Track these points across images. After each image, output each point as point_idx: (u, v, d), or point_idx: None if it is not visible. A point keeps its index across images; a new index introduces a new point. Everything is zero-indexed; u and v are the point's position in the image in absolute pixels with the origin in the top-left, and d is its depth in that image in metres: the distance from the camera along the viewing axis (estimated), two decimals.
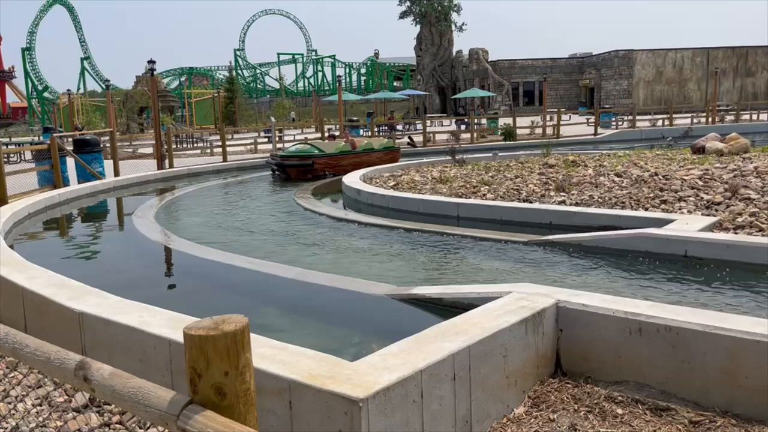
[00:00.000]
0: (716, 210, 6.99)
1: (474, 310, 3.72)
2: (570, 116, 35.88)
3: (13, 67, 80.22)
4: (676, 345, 3.33)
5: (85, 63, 68.45)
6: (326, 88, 70.27)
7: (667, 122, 31.04)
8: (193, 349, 1.25)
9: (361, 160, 15.81)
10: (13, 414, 3.52)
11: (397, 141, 26.98)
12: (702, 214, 6.90)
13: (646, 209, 7.39)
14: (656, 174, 9.02)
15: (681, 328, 3.31)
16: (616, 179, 9.10)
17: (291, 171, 15.32)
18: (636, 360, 3.49)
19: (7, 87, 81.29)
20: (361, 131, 28.58)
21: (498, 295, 4.09)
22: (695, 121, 32.13)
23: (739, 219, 6.46)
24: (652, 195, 7.84)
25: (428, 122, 27.34)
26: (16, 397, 3.72)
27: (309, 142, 17.42)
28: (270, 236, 8.64)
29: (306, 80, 74.54)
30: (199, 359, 1.25)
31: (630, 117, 33.18)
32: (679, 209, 7.21)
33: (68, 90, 41.19)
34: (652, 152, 12.86)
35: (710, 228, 6.32)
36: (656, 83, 50.01)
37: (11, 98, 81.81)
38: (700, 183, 8.21)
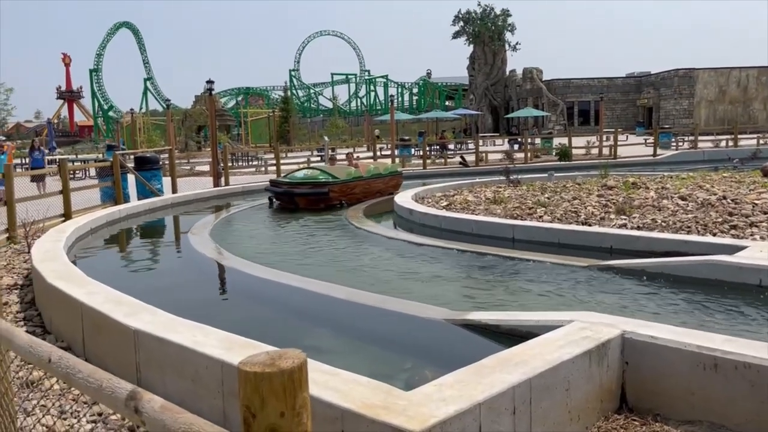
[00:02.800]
0: None
1: (534, 339, 3.56)
2: (627, 136, 34.98)
3: (81, 88, 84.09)
4: (756, 384, 3.08)
5: (148, 83, 71.08)
6: (378, 107, 70.74)
7: (731, 143, 29.87)
8: (247, 386, 1.17)
9: (371, 186, 14.49)
10: (68, 431, 3.53)
11: (448, 161, 26.98)
12: None
13: (714, 234, 7.02)
14: (724, 197, 8.60)
15: (762, 366, 3.07)
16: (681, 202, 8.71)
17: (300, 200, 13.23)
18: (711, 398, 3.25)
19: (75, 106, 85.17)
20: (413, 150, 28.55)
21: (559, 323, 3.91)
22: (761, 142, 30.78)
23: None
24: (720, 220, 7.46)
25: (480, 141, 27.12)
26: (71, 414, 3.74)
27: (315, 166, 15.28)
28: (325, 254, 8.62)
29: (358, 100, 75.33)
30: (254, 398, 1.16)
31: (691, 138, 32.09)
32: (751, 235, 6.82)
33: (131, 109, 42.81)
34: (718, 174, 12.31)
35: None
36: (719, 103, 48.31)
37: (78, 117, 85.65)
38: None
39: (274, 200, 14.06)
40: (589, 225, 8.12)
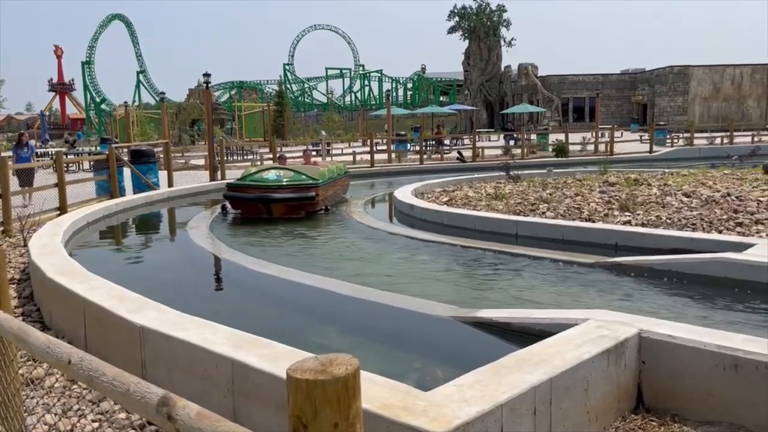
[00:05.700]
0: None
1: (551, 338, 3.49)
2: (622, 133, 34.99)
3: (73, 80, 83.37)
4: None
5: (141, 76, 70.51)
6: (372, 102, 70.50)
7: (726, 140, 29.93)
8: (298, 394, 1.08)
9: (336, 188, 12.66)
10: (72, 430, 3.44)
11: (445, 156, 26.89)
12: None
13: (720, 232, 6.98)
14: (728, 195, 8.56)
15: None
16: (685, 199, 8.68)
17: (278, 207, 10.59)
18: (731, 399, 3.20)
19: (67, 99, 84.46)
20: (409, 146, 28.43)
21: (573, 322, 3.84)
22: (756, 139, 30.86)
23: None
24: (725, 217, 7.42)
25: (477, 137, 27.04)
26: (75, 412, 3.65)
27: (279, 166, 11.98)
28: (331, 249, 8.53)
29: (353, 95, 74.99)
30: (306, 407, 1.08)
31: (687, 134, 32.12)
32: (757, 233, 6.79)
33: (125, 102, 42.46)
34: (719, 171, 12.29)
35: None
36: (713, 100, 48.43)
37: (70, 110, 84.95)
38: None
39: (228, 208, 11.25)
40: (593, 221, 8.07)
